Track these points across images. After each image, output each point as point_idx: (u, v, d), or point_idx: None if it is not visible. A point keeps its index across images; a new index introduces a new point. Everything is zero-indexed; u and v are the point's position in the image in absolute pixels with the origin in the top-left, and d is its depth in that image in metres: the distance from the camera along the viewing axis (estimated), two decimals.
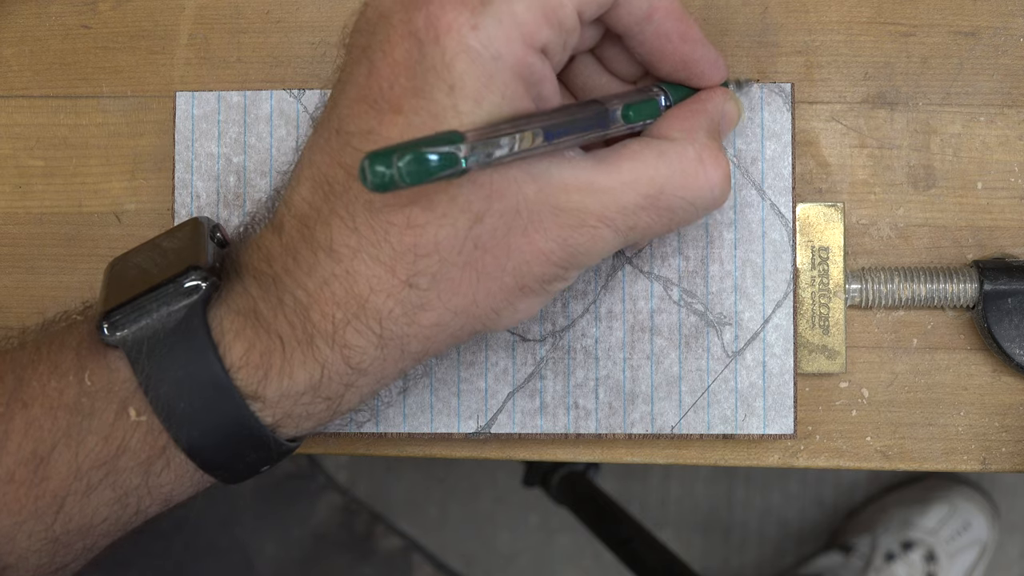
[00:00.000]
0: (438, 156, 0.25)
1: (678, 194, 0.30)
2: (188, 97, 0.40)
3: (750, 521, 1.08)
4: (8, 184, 0.42)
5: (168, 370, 0.29)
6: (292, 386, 0.30)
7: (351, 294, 0.29)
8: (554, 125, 0.29)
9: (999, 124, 0.40)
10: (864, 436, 0.40)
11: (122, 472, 0.30)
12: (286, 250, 0.30)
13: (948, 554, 0.97)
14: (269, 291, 0.30)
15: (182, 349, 0.29)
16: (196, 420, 0.29)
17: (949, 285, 0.38)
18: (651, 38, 0.32)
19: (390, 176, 0.25)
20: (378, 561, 1.10)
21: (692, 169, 0.31)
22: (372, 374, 0.30)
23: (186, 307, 0.30)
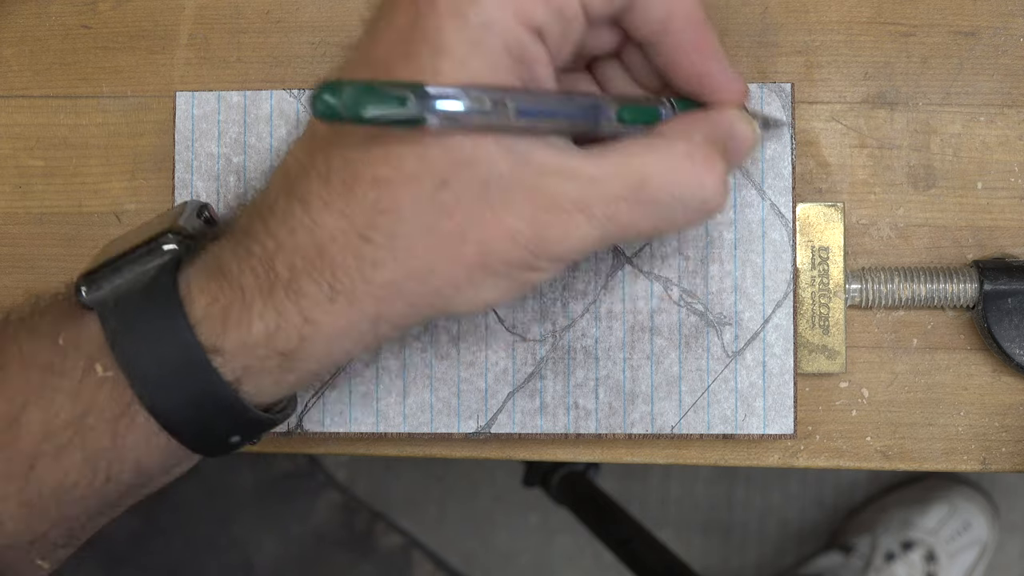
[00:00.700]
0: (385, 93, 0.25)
1: (664, 188, 0.29)
2: (188, 97, 0.40)
3: (750, 521, 1.08)
4: (8, 184, 0.42)
5: (134, 326, 0.30)
6: (248, 336, 0.29)
7: (312, 242, 0.29)
8: (533, 102, 0.28)
9: (999, 124, 0.40)
10: (864, 436, 0.40)
11: (90, 431, 0.30)
12: (266, 203, 0.30)
13: (948, 554, 0.97)
14: (241, 243, 0.30)
15: (148, 305, 0.30)
16: (158, 374, 0.29)
17: (949, 285, 0.38)
18: (667, 49, 0.31)
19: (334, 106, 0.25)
20: (378, 559, 1.10)
21: (680, 164, 0.30)
22: (323, 327, 0.30)
23: (157, 267, 0.30)
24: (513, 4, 0.28)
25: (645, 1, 0.30)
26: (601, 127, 0.30)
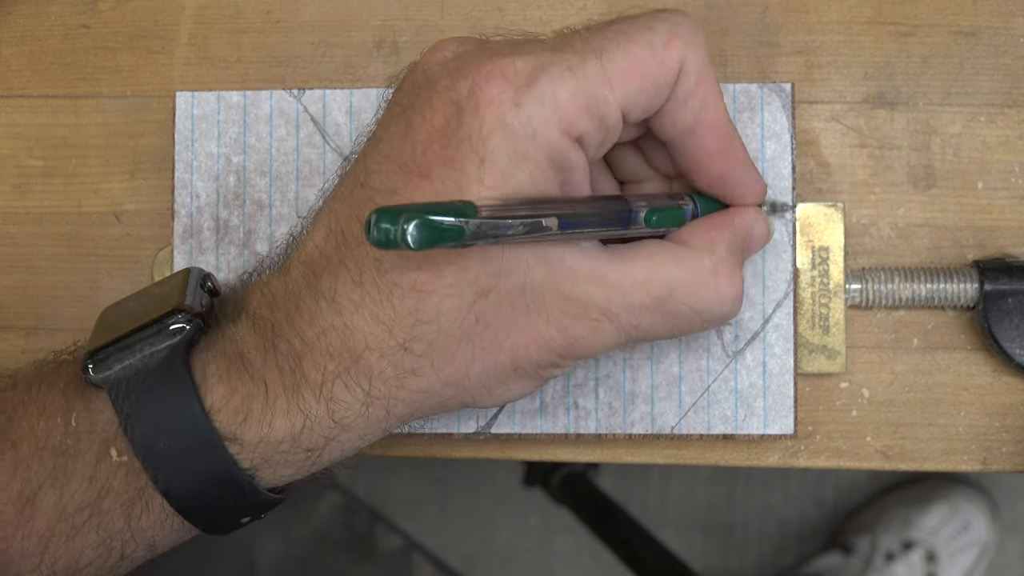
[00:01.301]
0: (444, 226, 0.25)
1: (687, 301, 0.30)
2: (188, 97, 0.40)
3: (750, 521, 1.08)
4: (8, 184, 0.42)
5: (147, 410, 0.29)
6: (272, 433, 0.29)
7: (346, 348, 0.29)
8: (572, 216, 0.28)
9: (999, 124, 0.40)
10: (864, 436, 0.40)
11: (105, 514, 0.30)
12: (289, 295, 0.30)
13: (948, 554, 0.97)
14: (265, 335, 0.30)
15: (162, 389, 0.29)
16: (173, 460, 0.29)
17: (949, 285, 0.38)
18: (692, 151, 0.31)
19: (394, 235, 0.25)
20: (378, 560, 1.10)
21: (705, 279, 0.30)
22: (355, 430, 0.30)
23: (168, 347, 0.30)
24: (557, 116, 0.28)
25: (675, 108, 0.30)
26: (630, 232, 0.31)
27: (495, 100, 0.27)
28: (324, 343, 0.29)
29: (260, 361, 0.29)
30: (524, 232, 0.27)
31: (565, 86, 0.28)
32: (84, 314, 0.42)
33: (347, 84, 0.41)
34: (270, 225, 0.39)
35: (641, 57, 0.29)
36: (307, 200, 0.39)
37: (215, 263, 0.39)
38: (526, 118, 0.27)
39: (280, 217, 0.39)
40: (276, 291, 0.30)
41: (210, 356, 0.30)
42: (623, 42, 0.29)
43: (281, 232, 0.39)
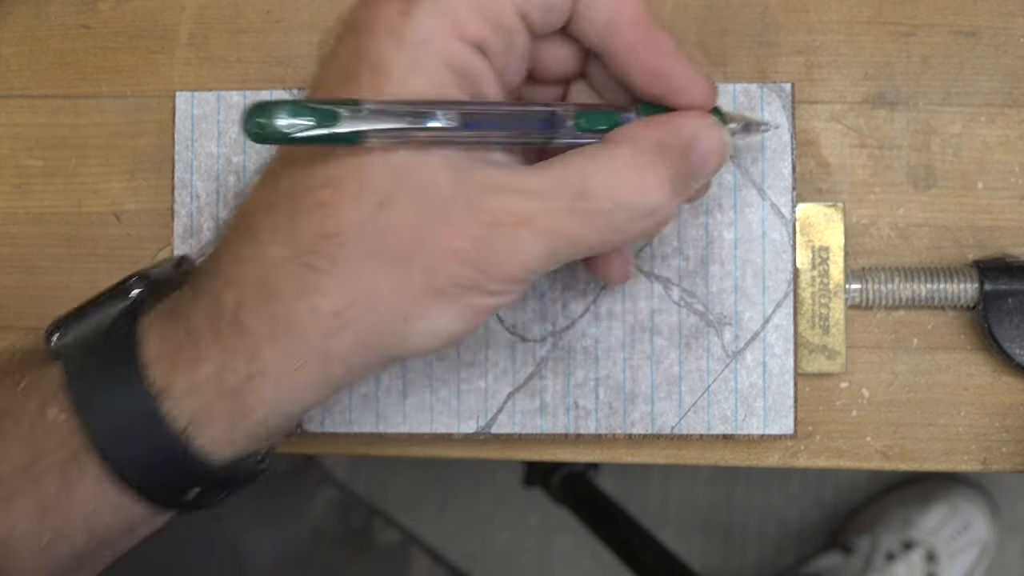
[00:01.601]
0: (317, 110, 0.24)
1: (606, 197, 0.28)
2: (188, 97, 0.40)
3: (750, 521, 1.08)
4: (8, 184, 0.42)
5: (88, 370, 0.29)
6: (196, 377, 0.29)
7: (256, 276, 0.28)
8: (478, 114, 0.27)
9: (1000, 124, 0.40)
10: (864, 436, 0.40)
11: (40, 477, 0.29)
12: (222, 243, 0.30)
13: (949, 554, 0.97)
14: (196, 284, 0.30)
15: (106, 349, 0.29)
16: (109, 419, 0.29)
17: (949, 285, 0.38)
18: (618, 50, 0.30)
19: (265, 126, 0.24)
20: (376, 555, 1.10)
21: (622, 171, 0.29)
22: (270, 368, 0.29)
23: (120, 310, 0.30)
24: (450, 20, 0.27)
25: (587, 7, 0.29)
26: (560, 136, 0.29)
27: (383, 14, 0.27)
28: (240, 274, 0.28)
29: (189, 309, 0.29)
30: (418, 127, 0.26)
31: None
32: None
33: None
34: None
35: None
36: None
37: None
38: (416, 24, 0.27)
39: None
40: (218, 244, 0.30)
41: (153, 315, 0.30)
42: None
43: None
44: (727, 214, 0.38)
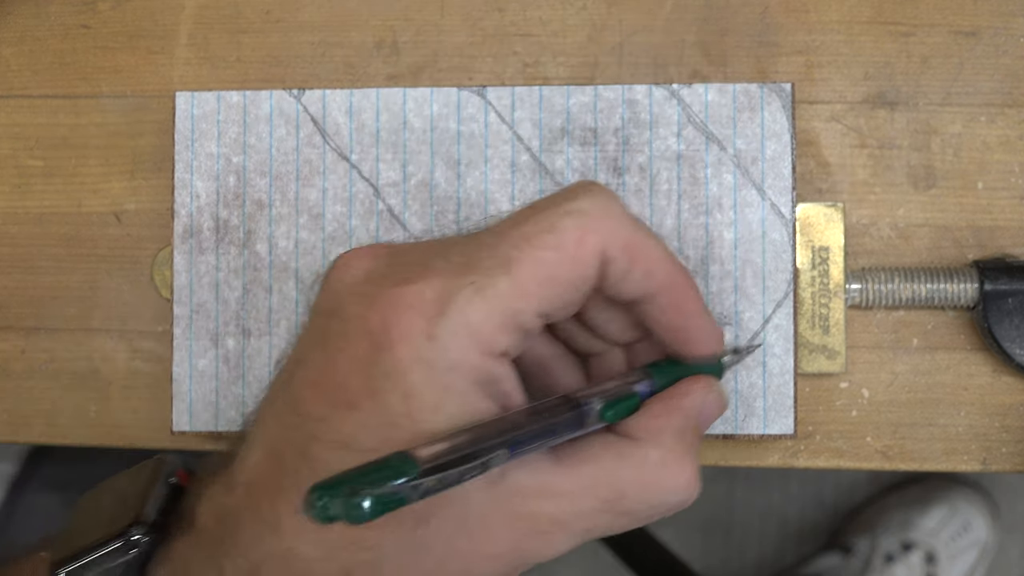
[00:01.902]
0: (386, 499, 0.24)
1: (639, 498, 0.29)
2: (188, 97, 0.40)
3: (750, 521, 1.08)
4: (8, 184, 0.42)
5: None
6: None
7: (290, 572, 0.28)
8: (521, 437, 0.27)
9: (1000, 124, 0.40)
10: (864, 436, 0.40)
11: None
12: (232, 514, 0.29)
13: (948, 555, 0.97)
14: (211, 554, 0.29)
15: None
16: None
17: (949, 285, 0.38)
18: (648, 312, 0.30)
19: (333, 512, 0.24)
20: None
21: (653, 474, 0.29)
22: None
23: (123, 564, 0.30)
24: (476, 340, 0.27)
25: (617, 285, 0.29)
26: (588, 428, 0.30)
27: (408, 335, 0.27)
28: (268, 568, 0.28)
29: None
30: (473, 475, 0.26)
31: (476, 310, 0.27)
32: (84, 314, 0.42)
33: (347, 84, 0.41)
34: (270, 225, 0.39)
35: (552, 261, 0.28)
36: (307, 200, 0.39)
37: (215, 263, 0.39)
38: (443, 350, 0.27)
39: (280, 217, 0.39)
40: (222, 508, 0.30)
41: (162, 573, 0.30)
42: (529, 249, 0.28)
43: (281, 232, 0.39)
44: (727, 214, 0.38)
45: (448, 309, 0.27)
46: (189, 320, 0.39)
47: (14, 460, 0.71)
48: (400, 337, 0.27)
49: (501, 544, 0.28)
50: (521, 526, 0.28)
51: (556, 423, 0.28)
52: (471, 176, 0.39)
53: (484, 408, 0.28)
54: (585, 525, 0.29)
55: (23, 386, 0.42)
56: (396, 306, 0.27)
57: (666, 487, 0.30)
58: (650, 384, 0.31)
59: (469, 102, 0.39)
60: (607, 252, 0.29)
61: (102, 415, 0.42)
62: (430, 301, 0.27)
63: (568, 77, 0.41)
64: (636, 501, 0.29)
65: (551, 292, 0.28)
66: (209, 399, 0.39)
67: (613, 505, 0.29)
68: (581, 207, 0.29)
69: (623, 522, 0.29)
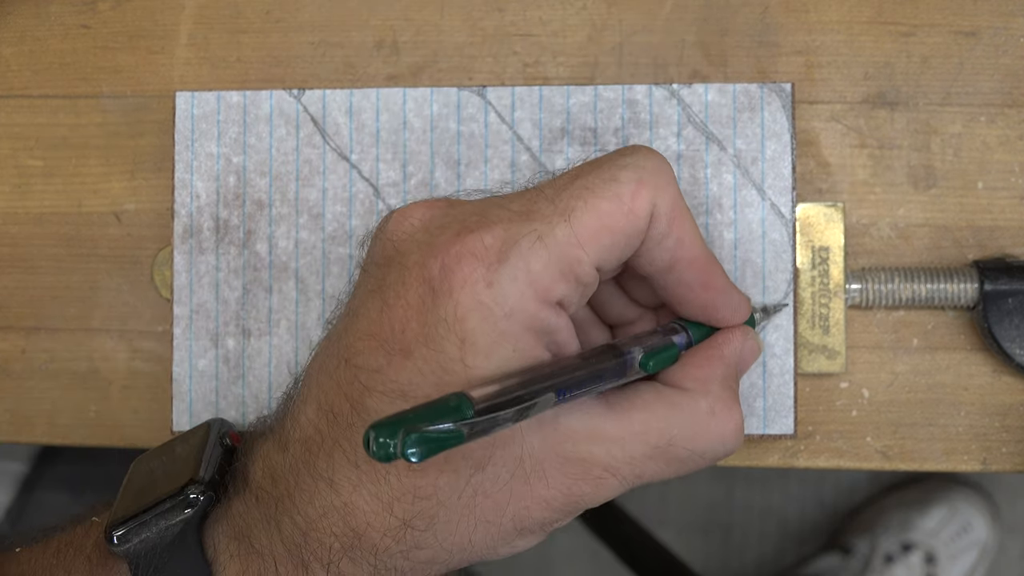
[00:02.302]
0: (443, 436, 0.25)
1: (688, 446, 0.30)
2: (188, 97, 0.40)
3: (750, 521, 1.08)
4: (8, 184, 0.42)
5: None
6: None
7: (348, 526, 0.29)
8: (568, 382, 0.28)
9: (1000, 124, 0.40)
10: (864, 436, 0.40)
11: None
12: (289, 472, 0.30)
13: (948, 556, 0.97)
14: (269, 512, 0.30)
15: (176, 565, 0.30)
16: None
17: (949, 285, 0.38)
18: (672, 285, 0.31)
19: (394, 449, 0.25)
20: None
21: (704, 422, 0.30)
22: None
23: (182, 522, 0.30)
24: (534, 288, 0.28)
25: (650, 249, 0.30)
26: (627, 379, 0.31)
27: (467, 281, 0.27)
28: (326, 523, 0.29)
29: (267, 538, 0.30)
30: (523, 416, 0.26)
31: (537, 256, 0.28)
32: (84, 314, 0.42)
33: (347, 84, 0.41)
34: (270, 225, 0.39)
35: (609, 211, 0.29)
36: (307, 200, 0.39)
37: (215, 263, 0.39)
38: (501, 297, 0.27)
39: (280, 217, 0.39)
40: (276, 466, 0.30)
41: (220, 531, 0.31)
42: (589, 199, 0.29)
43: (281, 232, 0.39)
44: (727, 214, 0.38)
45: (509, 256, 0.27)
46: (189, 320, 0.39)
47: (24, 460, 0.71)
48: (460, 283, 0.27)
49: (555, 487, 0.29)
50: (573, 470, 0.29)
51: (601, 369, 0.29)
52: (471, 176, 0.39)
53: (536, 356, 0.28)
54: (635, 471, 0.30)
55: (23, 386, 0.42)
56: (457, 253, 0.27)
57: (715, 435, 0.30)
58: (686, 336, 0.32)
59: (469, 102, 0.39)
60: (656, 209, 0.29)
61: (102, 415, 0.42)
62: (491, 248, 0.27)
63: (568, 77, 0.41)
64: (685, 448, 0.30)
65: (608, 241, 0.29)
66: (209, 399, 0.39)
67: (663, 452, 0.30)
68: (638, 162, 0.29)
69: (673, 468, 0.30)
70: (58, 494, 0.70)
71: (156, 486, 0.32)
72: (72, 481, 0.71)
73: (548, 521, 0.29)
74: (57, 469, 0.72)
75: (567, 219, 0.28)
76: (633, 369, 0.30)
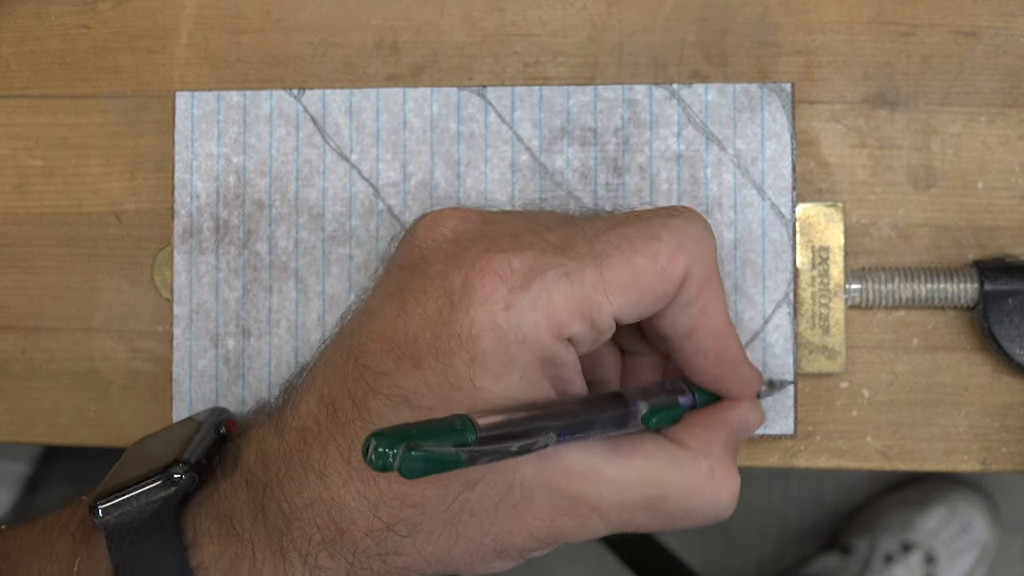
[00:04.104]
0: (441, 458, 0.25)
1: (681, 503, 0.30)
2: (188, 97, 0.40)
3: (750, 521, 1.08)
4: (8, 184, 0.42)
5: (137, 559, 0.30)
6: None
7: (332, 521, 0.29)
8: (570, 425, 0.28)
9: (1000, 124, 0.40)
10: (864, 436, 0.40)
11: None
12: (282, 458, 0.30)
13: (948, 556, 0.97)
14: (256, 496, 0.30)
15: (151, 541, 0.30)
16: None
17: (949, 285, 0.38)
18: (689, 351, 0.31)
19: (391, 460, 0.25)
20: None
21: (701, 482, 0.30)
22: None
23: (162, 499, 0.30)
24: (551, 320, 0.28)
25: (673, 312, 0.30)
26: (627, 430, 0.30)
27: (487, 300, 0.27)
28: (311, 513, 0.29)
29: (250, 522, 0.30)
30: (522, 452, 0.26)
31: (560, 291, 0.28)
32: (84, 314, 0.42)
33: (347, 84, 0.41)
34: (270, 225, 0.39)
35: (643, 268, 0.29)
36: (307, 200, 0.39)
37: (215, 263, 0.39)
38: (517, 322, 0.27)
39: (280, 217, 0.39)
40: (270, 451, 0.30)
41: (203, 512, 0.30)
42: (626, 250, 0.28)
43: (281, 232, 0.39)
44: (727, 214, 0.38)
45: (532, 284, 0.27)
46: (189, 320, 0.39)
47: (27, 460, 0.72)
48: (479, 301, 0.27)
49: (541, 518, 0.29)
50: (563, 505, 0.29)
51: (604, 418, 0.29)
52: (471, 176, 0.39)
53: (542, 388, 0.28)
54: (624, 517, 0.29)
55: (23, 386, 0.42)
56: (482, 270, 0.28)
57: (711, 496, 0.30)
58: (691, 399, 0.32)
59: (469, 102, 0.39)
60: (689, 275, 0.29)
61: (102, 415, 0.42)
62: (517, 272, 0.28)
63: (568, 77, 0.41)
64: (678, 505, 0.30)
65: (634, 297, 0.29)
66: (209, 399, 0.39)
67: (655, 504, 0.30)
68: (682, 225, 0.30)
69: (660, 522, 0.30)
70: (63, 492, 0.71)
71: (144, 463, 0.32)
72: (76, 479, 0.71)
73: (528, 548, 0.29)
74: (61, 467, 0.72)
75: (599, 264, 0.28)
76: (635, 422, 0.30)
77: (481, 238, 0.29)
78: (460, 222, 0.30)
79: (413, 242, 0.30)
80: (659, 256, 0.29)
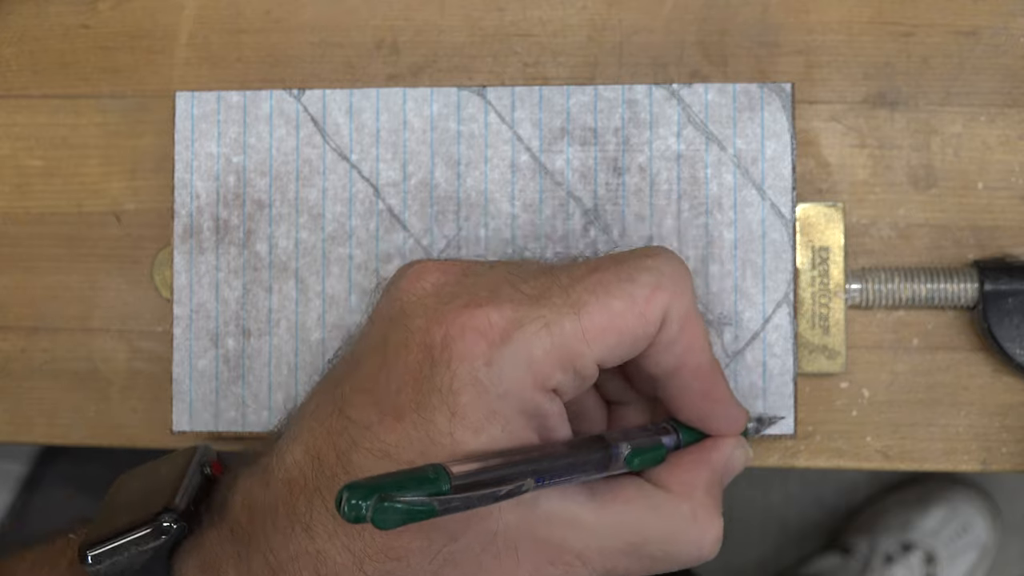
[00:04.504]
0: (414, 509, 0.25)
1: (663, 547, 0.30)
2: (188, 97, 0.40)
3: (750, 521, 1.08)
4: (8, 184, 0.42)
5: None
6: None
7: (317, 574, 0.29)
8: (549, 470, 0.28)
9: (1000, 124, 0.40)
10: (864, 436, 0.40)
11: None
12: (268, 510, 0.30)
13: (948, 556, 0.97)
14: (241, 548, 0.30)
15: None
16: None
17: (949, 285, 0.38)
18: (674, 389, 0.31)
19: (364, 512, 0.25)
20: None
21: (683, 526, 0.30)
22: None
23: (153, 549, 0.30)
24: (531, 373, 0.28)
25: (657, 353, 0.30)
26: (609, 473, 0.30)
27: (467, 356, 0.27)
28: (296, 566, 0.29)
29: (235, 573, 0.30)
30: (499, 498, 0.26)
31: (540, 343, 0.28)
32: (84, 314, 0.42)
33: (347, 84, 0.41)
34: (270, 225, 0.39)
35: (621, 312, 0.29)
36: (307, 200, 0.39)
37: (215, 263, 0.39)
38: (498, 377, 0.27)
39: (280, 217, 0.39)
40: (256, 502, 0.30)
41: (191, 562, 0.31)
42: (603, 296, 0.29)
43: (281, 232, 0.39)
44: (727, 214, 0.38)
45: (512, 338, 0.28)
46: (189, 320, 0.39)
47: (24, 460, 0.72)
48: (459, 356, 0.27)
49: (524, 567, 0.29)
50: (546, 553, 0.29)
51: (585, 461, 0.29)
52: (471, 176, 0.39)
53: (525, 438, 0.28)
54: (607, 563, 0.29)
55: (23, 386, 0.42)
56: (461, 326, 0.28)
57: (693, 540, 0.30)
58: (675, 439, 0.32)
59: (469, 102, 0.39)
60: (668, 315, 0.29)
61: (102, 415, 0.42)
62: (496, 327, 0.28)
63: (568, 77, 0.41)
64: (659, 549, 0.30)
65: (614, 341, 0.29)
66: (209, 399, 0.39)
67: (637, 549, 0.29)
68: (658, 266, 0.30)
69: (644, 566, 0.30)
70: (60, 493, 0.71)
71: (133, 508, 0.32)
72: (74, 479, 0.71)
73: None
74: (59, 467, 0.72)
75: (577, 312, 0.28)
76: (618, 464, 0.30)
77: (461, 292, 0.29)
78: (441, 275, 0.30)
79: (396, 295, 0.30)
80: (636, 298, 0.29)
